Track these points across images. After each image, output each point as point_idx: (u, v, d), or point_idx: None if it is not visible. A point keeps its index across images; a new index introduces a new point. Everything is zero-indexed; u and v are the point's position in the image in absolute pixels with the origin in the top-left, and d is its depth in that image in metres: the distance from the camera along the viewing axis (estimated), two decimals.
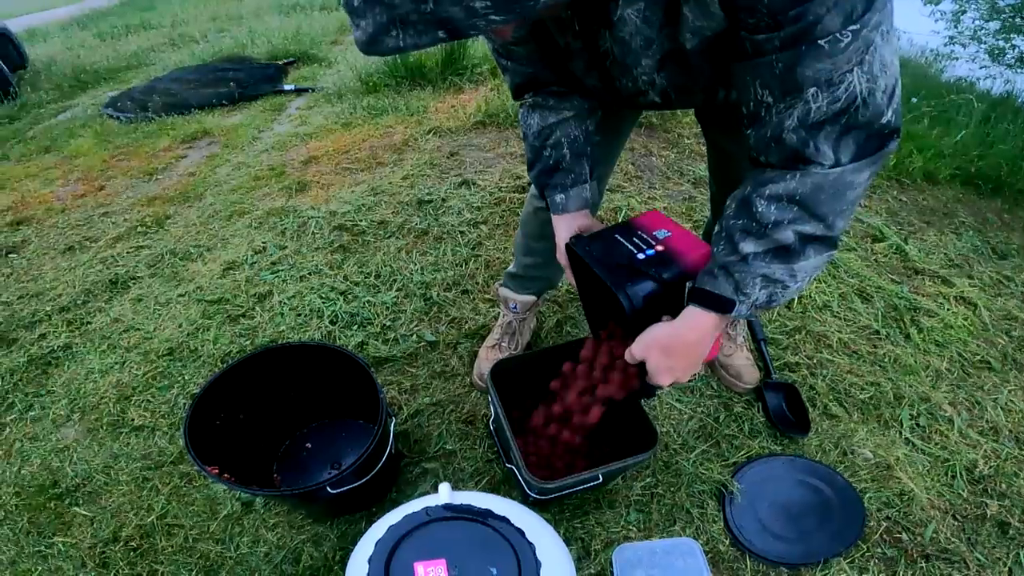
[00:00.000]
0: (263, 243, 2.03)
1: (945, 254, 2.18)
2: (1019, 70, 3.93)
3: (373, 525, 1.04)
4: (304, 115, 2.95)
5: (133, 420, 1.48)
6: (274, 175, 2.43)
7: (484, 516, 0.95)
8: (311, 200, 2.25)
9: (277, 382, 1.30)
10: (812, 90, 0.68)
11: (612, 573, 1.15)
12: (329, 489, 1.09)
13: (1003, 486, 1.35)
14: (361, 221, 2.09)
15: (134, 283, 1.94)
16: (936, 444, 1.43)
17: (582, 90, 0.98)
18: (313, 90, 3.24)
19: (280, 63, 3.61)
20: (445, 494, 0.99)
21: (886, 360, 1.66)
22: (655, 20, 0.74)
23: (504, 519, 0.93)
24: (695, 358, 0.87)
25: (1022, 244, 2.40)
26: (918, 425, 1.48)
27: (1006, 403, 1.57)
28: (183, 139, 2.93)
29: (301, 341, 1.56)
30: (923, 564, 1.19)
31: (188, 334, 1.69)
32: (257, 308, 1.77)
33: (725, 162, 1.29)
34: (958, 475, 1.36)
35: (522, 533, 0.90)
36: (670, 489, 1.30)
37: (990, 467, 1.38)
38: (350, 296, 1.80)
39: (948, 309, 1.88)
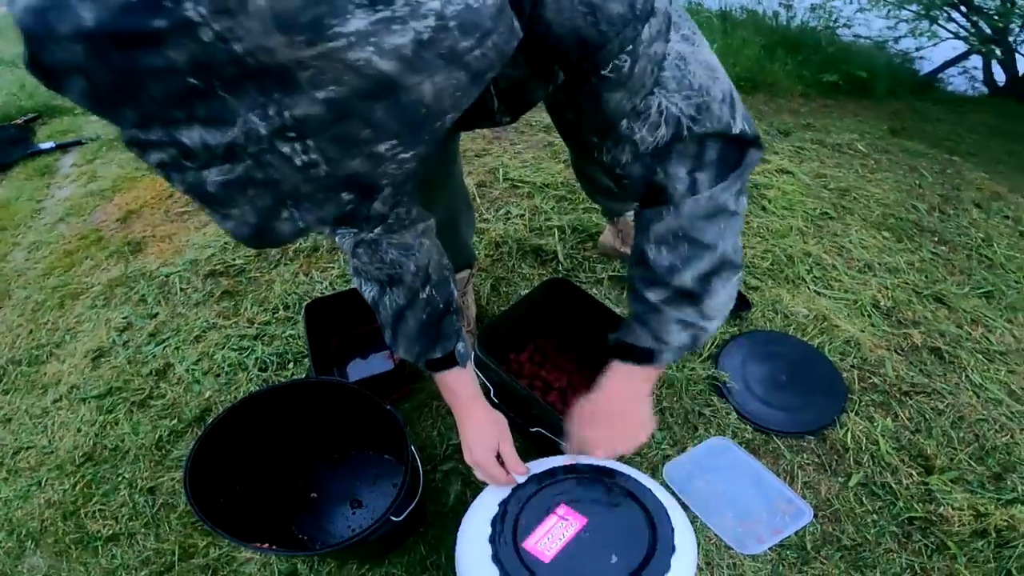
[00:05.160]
0: (124, 319, 1.71)
1: None
2: None
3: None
4: (88, 170, 2.48)
5: (99, 532, 1.25)
6: (90, 244, 2.03)
7: (637, 490, 0.89)
8: (156, 257, 1.93)
9: (264, 438, 1.15)
10: (624, 123, 0.66)
11: (674, 493, 1.20)
12: (393, 518, 0.99)
13: (909, 315, 1.64)
14: (235, 260, 1.85)
15: None
16: (838, 289, 1.71)
17: None
18: (82, 142, 2.72)
19: (19, 122, 2.96)
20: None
21: (762, 230, 1.93)
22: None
23: (649, 490, 0.89)
24: (628, 424, 0.82)
25: (795, 122, 2.91)
26: (816, 277, 1.75)
27: (859, 241, 1.92)
28: None
29: (278, 384, 1.37)
30: (909, 401, 1.40)
31: (96, 435, 1.43)
32: (162, 385, 1.51)
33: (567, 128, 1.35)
34: (871, 313, 1.64)
35: (666, 512, 0.85)
36: (674, 400, 1.40)
37: (888, 299, 1.68)
38: (266, 337, 1.61)
39: (777, 180, 2.24)
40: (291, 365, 1.53)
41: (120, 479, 1.34)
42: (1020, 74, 4.08)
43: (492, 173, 2.07)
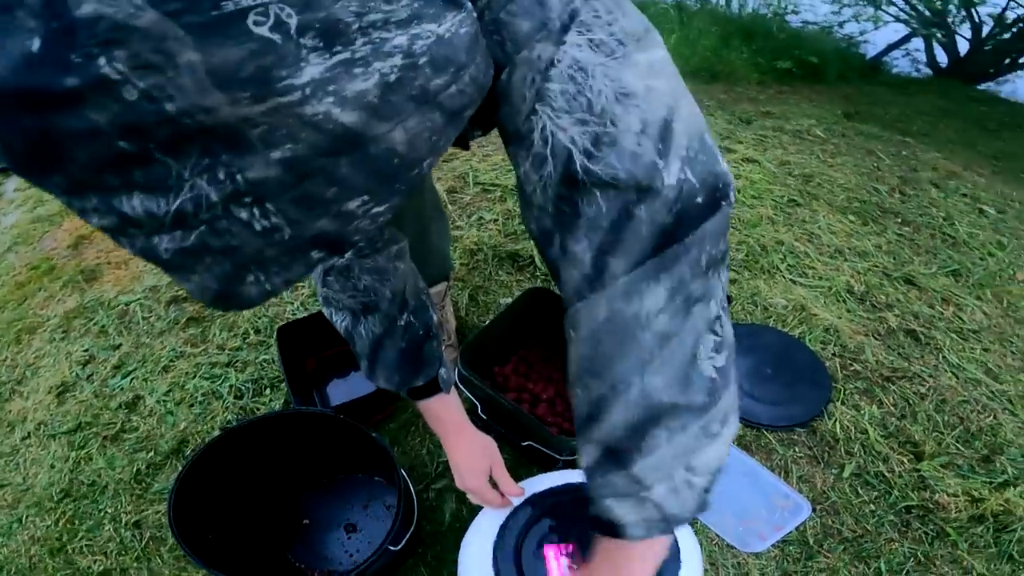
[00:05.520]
0: (86, 351, 1.62)
1: (712, 131, 2.60)
2: None
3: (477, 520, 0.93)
4: (33, 194, 2.34)
5: (90, 568, 1.21)
6: (42, 274, 1.92)
7: None
8: (113, 285, 1.84)
9: (247, 470, 1.11)
10: (510, 149, 0.52)
11: None
12: (391, 547, 0.96)
13: (882, 298, 1.66)
14: None
15: None
16: (813, 276, 1.73)
17: None
18: None
19: None
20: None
21: (735, 221, 1.94)
22: None
23: None
24: None
25: (755, 110, 2.95)
26: (791, 266, 1.77)
27: (828, 226, 1.95)
28: None
29: (257, 418, 1.33)
30: (892, 387, 1.42)
31: (71, 471, 1.37)
32: (134, 418, 1.45)
33: None
34: (846, 299, 1.66)
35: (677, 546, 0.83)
36: None
37: (861, 284, 1.70)
38: (239, 363, 1.55)
39: (744, 169, 2.26)
40: (268, 391, 1.47)
41: (103, 514, 1.29)
42: (962, 56, 4.23)
43: (462, 178, 2.03)
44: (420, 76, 0.35)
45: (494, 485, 0.94)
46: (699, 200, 0.47)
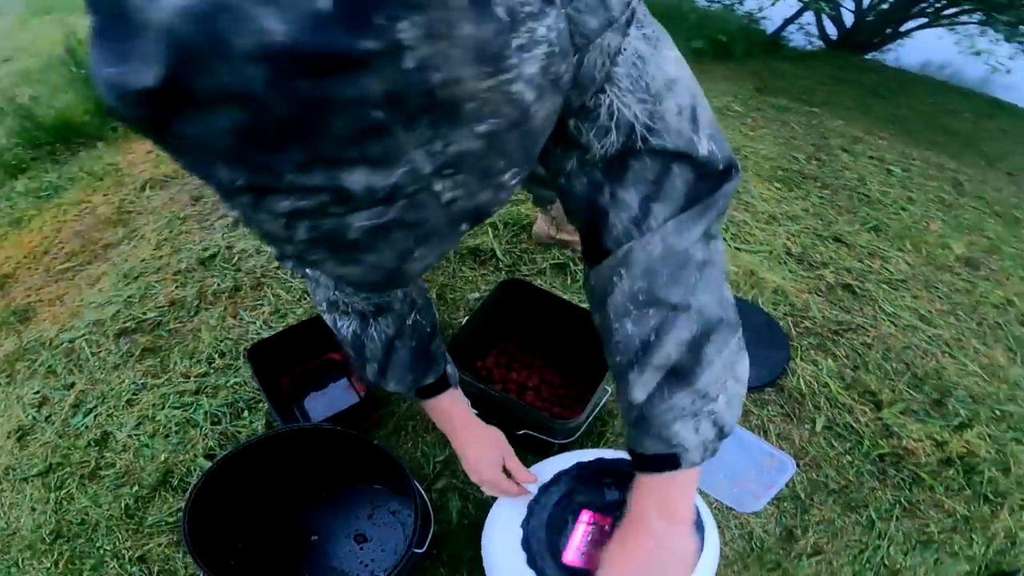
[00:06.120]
0: (37, 393, 1.52)
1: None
2: None
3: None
4: None
5: None
6: None
7: None
8: (51, 323, 1.72)
9: (250, 493, 1.10)
10: (571, 122, 0.57)
11: None
12: (416, 550, 0.98)
13: (817, 257, 1.80)
14: (146, 314, 1.69)
15: None
16: (754, 242, 1.86)
17: None
18: None
19: None
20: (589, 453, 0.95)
21: None
22: None
23: None
24: (666, 566, 0.69)
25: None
26: (734, 235, 1.89)
27: (759, 195, 2.09)
28: None
29: (254, 439, 1.28)
30: (841, 340, 1.53)
31: (54, 511, 1.31)
32: (107, 454, 1.39)
33: None
34: (786, 261, 1.78)
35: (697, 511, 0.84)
36: None
37: (797, 246, 1.84)
38: (209, 389, 1.50)
39: None
40: (246, 413, 1.44)
41: (103, 552, 1.24)
42: (848, 28, 4.56)
43: None
44: (555, 63, 0.37)
45: (507, 475, 0.97)
46: (720, 168, 0.59)
